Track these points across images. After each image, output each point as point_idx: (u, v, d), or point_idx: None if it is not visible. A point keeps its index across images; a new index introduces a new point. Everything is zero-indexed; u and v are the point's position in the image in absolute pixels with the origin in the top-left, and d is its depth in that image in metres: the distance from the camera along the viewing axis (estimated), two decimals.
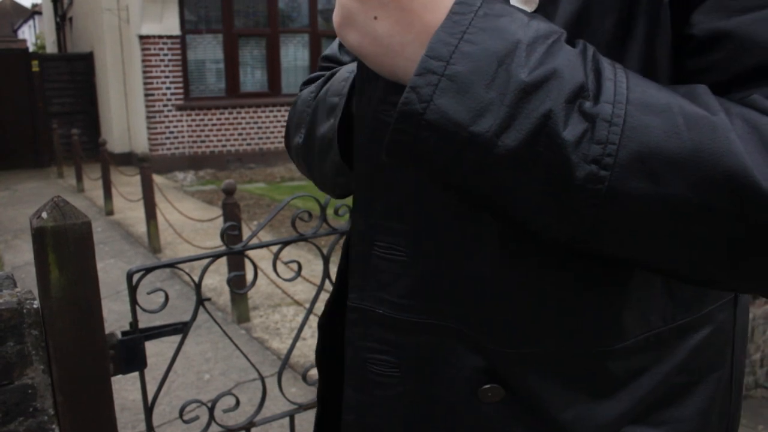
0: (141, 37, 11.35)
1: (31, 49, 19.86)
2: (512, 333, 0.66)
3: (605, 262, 0.61)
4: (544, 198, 0.54)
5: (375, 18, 0.57)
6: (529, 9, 0.61)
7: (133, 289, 1.65)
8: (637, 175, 0.51)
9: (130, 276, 1.64)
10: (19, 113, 13.35)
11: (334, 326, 0.90)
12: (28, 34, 34.81)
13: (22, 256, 7.03)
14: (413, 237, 0.69)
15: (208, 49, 11.92)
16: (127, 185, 9.25)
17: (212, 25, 11.87)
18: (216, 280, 5.48)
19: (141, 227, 7.30)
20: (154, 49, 11.44)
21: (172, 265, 1.69)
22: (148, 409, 1.79)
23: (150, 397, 1.78)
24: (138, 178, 7.23)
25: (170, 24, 11.42)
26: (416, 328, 0.70)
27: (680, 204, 0.52)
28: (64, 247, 1.51)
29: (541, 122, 0.51)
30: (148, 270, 1.66)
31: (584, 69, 0.53)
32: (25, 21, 35.55)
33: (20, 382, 1.57)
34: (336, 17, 0.61)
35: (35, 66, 13.44)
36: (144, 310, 1.65)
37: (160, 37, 11.43)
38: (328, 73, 0.95)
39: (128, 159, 12.29)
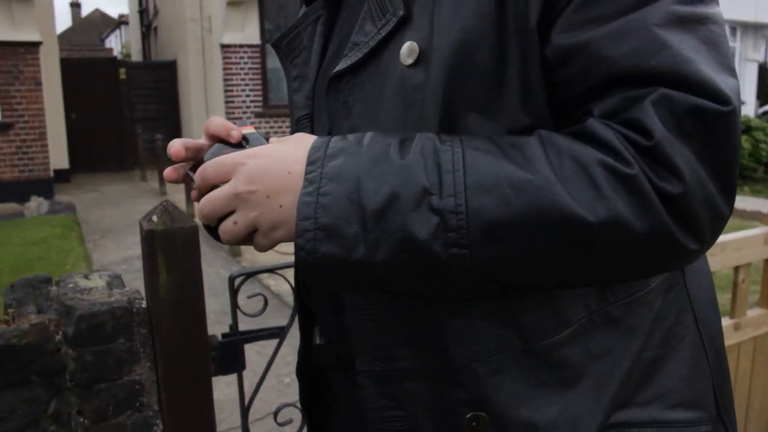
0: (223, 46, 11.70)
1: (117, 57, 20.69)
2: (473, 346, 0.73)
3: None
4: (427, 281, 0.67)
5: (267, 197, 0.69)
6: (411, 60, 0.70)
7: (234, 293, 1.70)
8: (489, 244, 0.63)
9: (231, 280, 1.69)
10: (106, 118, 13.95)
11: (310, 371, 1.00)
12: (114, 43, 36.33)
13: (109, 255, 7.33)
14: (377, 294, 0.77)
15: None
16: None
17: None
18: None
19: None
20: (235, 57, 11.77)
21: (272, 270, 1.74)
22: (245, 410, 1.84)
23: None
24: None
25: (251, 33, 11.73)
26: (410, 375, 0.77)
27: (535, 253, 0.63)
28: (173, 250, 1.58)
29: (400, 234, 0.64)
30: (249, 275, 1.71)
31: (424, 169, 0.64)
32: (112, 31, 37.12)
33: (129, 377, 1.64)
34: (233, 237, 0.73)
35: (123, 73, 14.03)
36: (245, 314, 1.70)
37: (241, 46, 11.75)
38: None
39: None
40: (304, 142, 0.71)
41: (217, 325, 4.36)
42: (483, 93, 0.69)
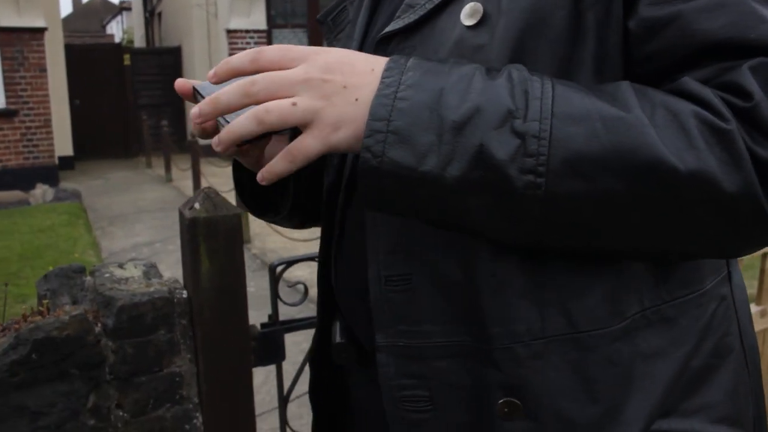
0: (228, 32, 11.62)
1: (121, 44, 20.59)
2: (516, 326, 0.69)
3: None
4: (495, 210, 0.62)
5: (344, 87, 0.64)
6: (474, 21, 0.67)
7: (275, 281, 1.65)
8: (568, 178, 0.59)
9: (273, 268, 1.64)
10: (110, 105, 13.88)
11: (323, 361, 0.94)
12: (116, 29, 36.09)
13: (118, 243, 7.28)
14: (418, 262, 0.73)
15: (293, 43, 12.06)
16: (215, 176, 9.46)
17: (297, 19, 12.02)
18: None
19: None
20: (241, 43, 11.69)
21: (314, 258, 1.69)
22: (283, 401, 1.80)
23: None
24: (228, 170, 7.37)
25: (257, 18, 11.63)
26: (438, 352, 0.72)
27: (614, 196, 0.60)
28: (215, 238, 1.52)
29: (476, 150, 0.60)
30: (290, 263, 1.66)
31: (511, 93, 0.61)
32: (114, 17, 36.88)
33: (169, 369, 1.60)
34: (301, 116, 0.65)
35: (126, 60, 13.94)
36: (285, 302, 1.65)
37: (247, 31, 11.67)
38: None
39: (211, 150, 12.57)
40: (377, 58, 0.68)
41: None
42: (553, 62, 0.67)
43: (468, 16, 0.68)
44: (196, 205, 1.52)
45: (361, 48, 0.85)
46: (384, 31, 0.74)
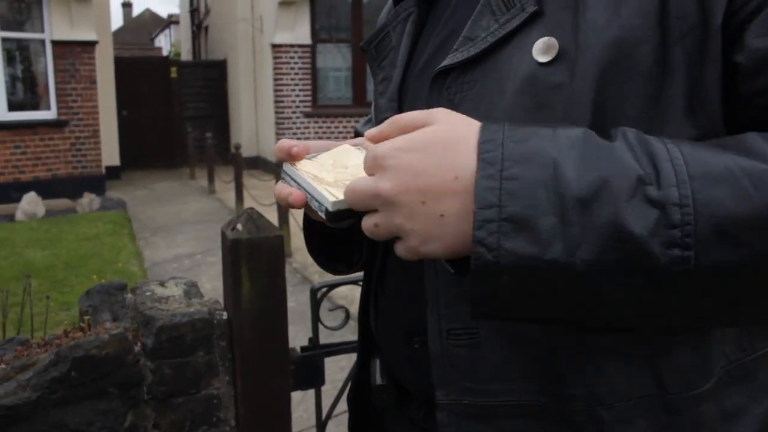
0: (273, 46, 11.72)
1: (168, 56, 20.99)
2: (599, 386, 0.63)
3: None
4: (634, 294, 0.55)
5: (423, 203, 0.58)
6: (549, 57, 0.62)
7: (316, 305, 1.62)
8: (721, 247, 0.52)
9: (314, 292, 1.61)
10: (156, 117, 14.14)
11: (363, 401, 0.90)
12: (164, 42, 36.90)
13: (160, 253, 7.37)
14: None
15: (337, 58, 12.16)
16: (257, 189, 9.54)
17: (341, 34, 12.09)
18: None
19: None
20: (285, 57, 11.79)
21: (357, 282, 1.65)
22: (321, 425, 1.76)
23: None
24: (269, 183, 7.42)
25: (301, 33, 11.73)
26: (507, 412, 0.67)
27: None
28: (257, 260, 1.50)
29: (609, 228, 0.53)
30: (332, 286, 1.63)
31: (635, 157, 0.54)
32: (162, 30, 37.71)
33: (207, 391, 1.58)
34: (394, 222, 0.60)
35: (174, 72, 14.19)
36: (326, 327, 1.62)
37: (292, 45, 11.76)
38: None
39: (255, 163, 12.71)
40: (468, 128, 0.59)
41: None
42: (639, 101, 0.61)
43: (542, 52, 0.62)
44: (239, 226, 1.50)
45: (404, 76, 0.82)
46: (441, 65, 0.69)
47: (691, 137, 0.60)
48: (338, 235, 0.88)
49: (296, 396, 3.01)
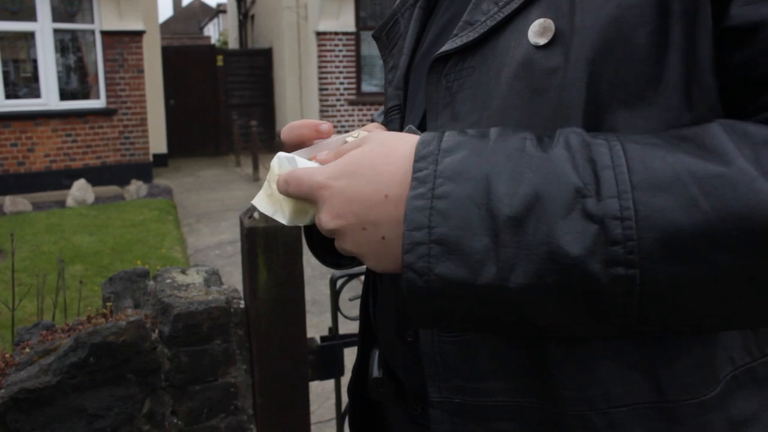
0: (318, 34, 11.74)
1: (215, 45, 21.25)
2: (591, 390, 0.59)
3: None
4: (577, 315, 0.51)
5: (363, 229, 0.57)
6: (545, 40, 0.58)
7: (335, 294, 1.60)
8: (667, 261, 0.48)
9: (333, 281, 1.59)
10: (202, 105, 14.31)
11: (361, 392, 0.89)
12: (212, 31, 37.35)
13: (203, 240, 7.47)
14: None
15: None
16: None
17: None
18: None
19: None
20: (330, 45, 11.80)
21: None
22: (341, 416, 1.74)
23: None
24: None
25: (346, 21, 11.72)
26: (499, 413, 0.64)
27: (724, 273, 0.48)
28: (274, 249, 1.49)
29: (543, 249, 0.49)
30: (351, 276, 1.60)
31: (573, 166, 0.50)
32: (210, 19, 38.16)
33: (224, 380, 1.57)
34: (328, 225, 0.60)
35: (220, 61, 14.33)
36: (346, 317, 1.60)
37: (336, 33, 11.77)
38: None
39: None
40: (398, 144, 0.57)
41: None
42: (637, 84, 0.56)
43: (538, 34, 0.59)
44: (256, 215, 1.49)
45: (410, 64, 0.79)
46: (439, 51, 0.66)
47: (688, 123, 0.55)
48: None
49: (315, 387, 3.01)
